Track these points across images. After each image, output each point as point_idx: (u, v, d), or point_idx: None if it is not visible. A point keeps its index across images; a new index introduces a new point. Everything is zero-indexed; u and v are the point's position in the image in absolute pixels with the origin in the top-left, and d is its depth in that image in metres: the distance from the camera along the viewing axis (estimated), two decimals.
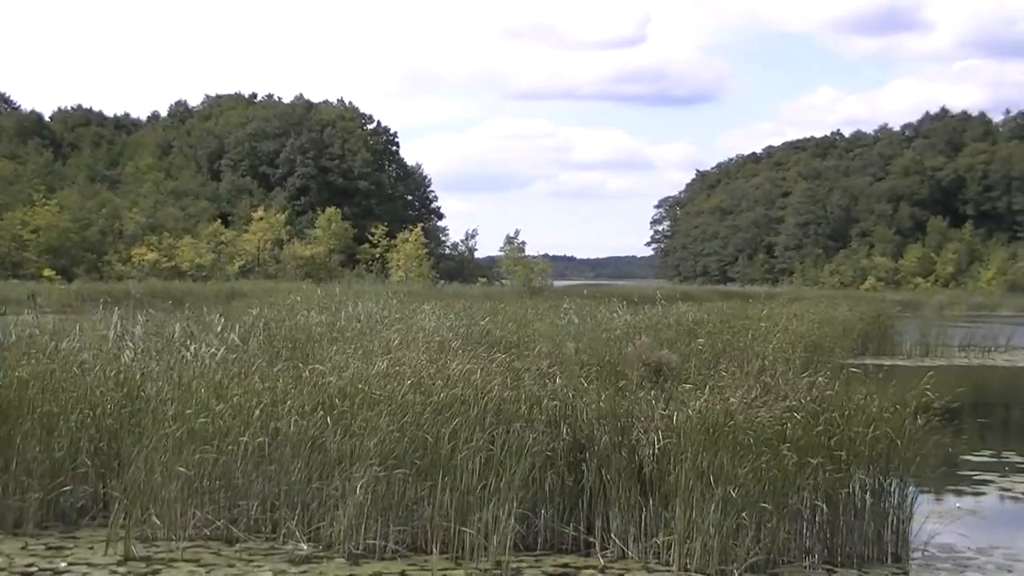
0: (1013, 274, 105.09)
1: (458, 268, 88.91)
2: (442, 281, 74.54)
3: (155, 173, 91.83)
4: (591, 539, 9.57)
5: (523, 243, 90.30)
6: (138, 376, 11.07)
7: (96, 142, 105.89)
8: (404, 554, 9.34)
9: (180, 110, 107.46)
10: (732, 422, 9.03)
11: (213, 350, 12.72)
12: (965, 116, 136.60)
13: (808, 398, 9.77)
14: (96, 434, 10.45)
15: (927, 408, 10.14)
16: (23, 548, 9.40)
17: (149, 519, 9.52)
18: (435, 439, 9.44)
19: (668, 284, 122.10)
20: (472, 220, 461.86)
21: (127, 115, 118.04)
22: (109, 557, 9.15)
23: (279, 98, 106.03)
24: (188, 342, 13.26)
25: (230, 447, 9.81)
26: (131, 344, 12.50)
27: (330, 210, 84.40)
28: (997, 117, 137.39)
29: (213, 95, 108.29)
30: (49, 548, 9.44)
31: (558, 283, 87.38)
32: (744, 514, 8.86)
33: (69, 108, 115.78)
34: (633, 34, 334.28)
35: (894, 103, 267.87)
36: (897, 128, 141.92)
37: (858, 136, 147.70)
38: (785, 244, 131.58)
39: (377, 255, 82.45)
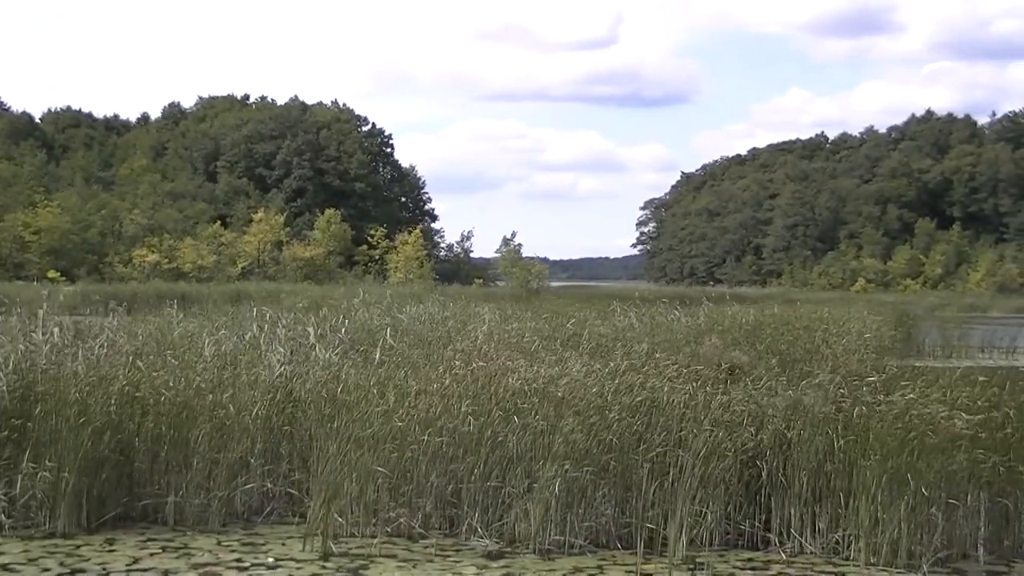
0: (1002, 276, 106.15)
1: (454, 269, 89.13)
2: (442, 283, 74.69)
3: (152, 175, 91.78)
4: (767, 535, 9.88)
5: (519, 245, 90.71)
6: (317, 380, 11.31)
7: (87, 144, 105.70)
8: (591, 550, 9.64)
9: (174, 112, 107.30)
10: (925, 423, 9.35)
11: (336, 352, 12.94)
12: (951, 119, 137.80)
13: (978, 397, 10.10)
14: (268, 435, 10.72)
15: None
16: (217, 544, 9.66)
17: (339, 516, 9.79)
18: (619, 438, 9.75)
19: (654, 286, 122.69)
20: (444, 221, 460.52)
21: (116, 116, 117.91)
22: (308, 553, 9.42)
23: (272, 100, 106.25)
24: (316, 344, 13.47)
25: (412, 446, 10.07)
26: (281, 347, 12.70)
27: (329, 211, 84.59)
28: (982, 119, 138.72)
29: (206, 96, 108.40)
30: (244, 544, 9.70)
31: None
32: (932, 510, 9.20)
33: (58, 109, 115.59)
34: (605, 35, 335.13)
35: (865, 105, 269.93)
36: (883, 130, 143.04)
37: (844, 138, 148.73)
38: (773, 246, 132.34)
39: (376, 256, 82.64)
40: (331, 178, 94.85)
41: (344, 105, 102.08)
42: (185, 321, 17.07)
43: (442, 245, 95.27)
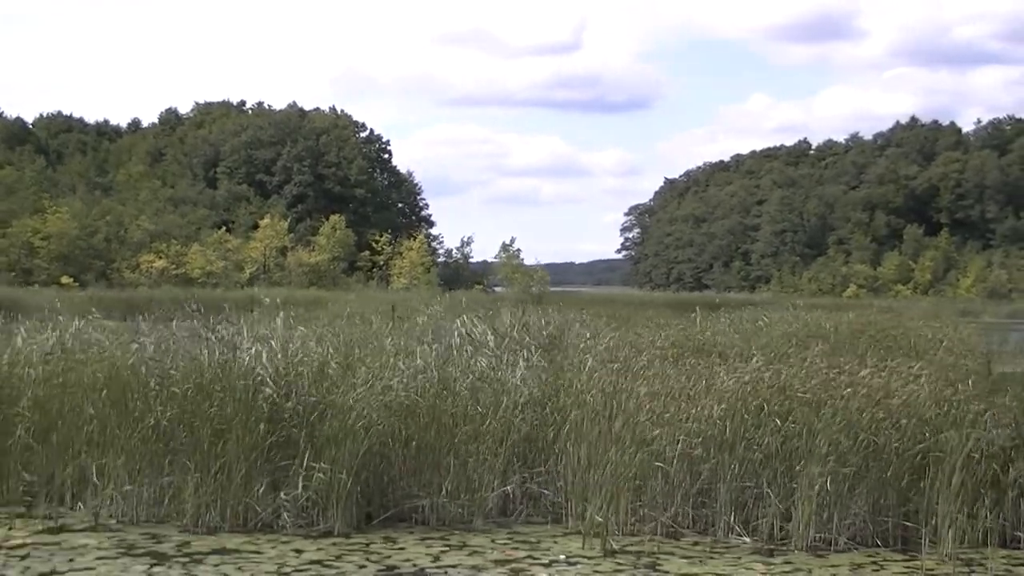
0: (992, 281, 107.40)
1: (454, 275, 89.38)
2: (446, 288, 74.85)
3: (152, 180, 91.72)
4: (1016, 533, 10.29)
5: (519, 250, 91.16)
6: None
7: (81, 149, 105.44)
8: (854, 547, 10.03)
9: (170, 118, 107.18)
10: None
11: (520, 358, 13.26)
12: (936, 125, 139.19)
13: None
14: (516, 438, 11.07)
15: None
16: (492, 542, 10.00)
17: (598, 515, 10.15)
18: (878, 438, 10.17)
19: (638, 291, 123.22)
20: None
21: (107, 122, 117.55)
22: (589, 551, 9.78)
23: (269, 105, 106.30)
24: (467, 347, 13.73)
25: (660, 448, 10.44)
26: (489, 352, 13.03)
27: (334, 217, 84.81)
28: (967, 126, 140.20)
29: (202, 102, 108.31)
30: (517, 542, 10.04)
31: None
32: None
33: (50, 114, 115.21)
34: (569, 40, 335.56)
35: (827, 110, 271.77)
36: (869, 137, 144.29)
37: (829, 145, 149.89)
38: (762, 252, 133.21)
39: (381, 262, 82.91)
40: (331, 184, 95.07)
41: (342, 111, 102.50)
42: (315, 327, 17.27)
43: (440, 251, 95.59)
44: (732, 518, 10.32)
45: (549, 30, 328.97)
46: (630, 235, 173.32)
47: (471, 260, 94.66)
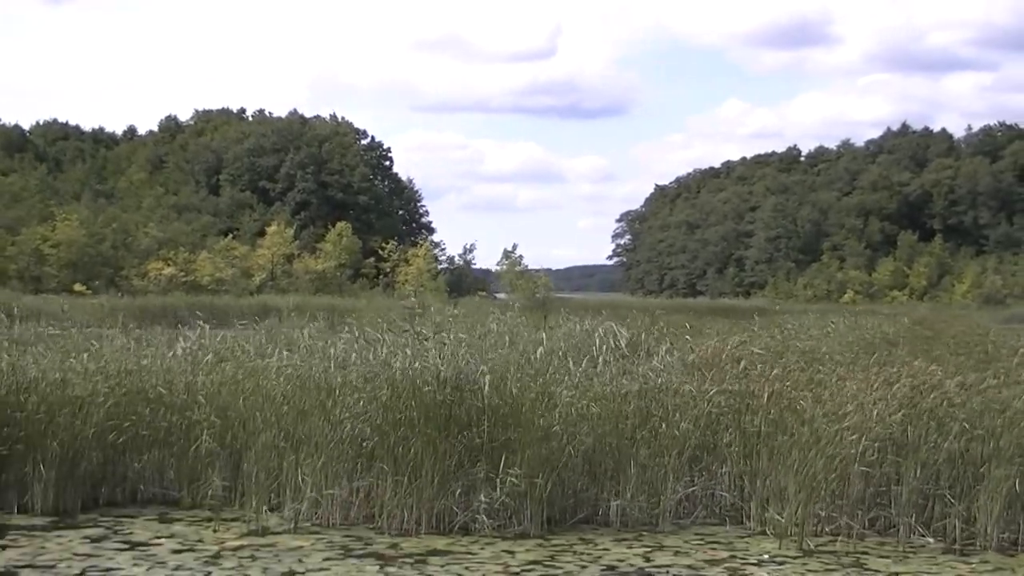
0: (987, 287, 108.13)
1: (457, 282, 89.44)
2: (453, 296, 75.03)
3: (156, 188, 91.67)
4: None
5: (521, 257, 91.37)
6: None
7: (78, 157, 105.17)
8: None
9: (170, 125, 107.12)
10: None
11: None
12: (927, 132, 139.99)
13: None
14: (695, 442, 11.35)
15: None
16: (684, 543, 10.27)
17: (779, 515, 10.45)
18: None
19: (631, 297, 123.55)
20: None
21: (102, 129, 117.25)
22: (785, 551, 10.07)
23: (270, 112, 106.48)
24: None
25: (841, 450, 10.72)
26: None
27: (341, 224, 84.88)
28: (958, 133, 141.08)
29: (200, 109, 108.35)
30: (708, 543, 10.33)
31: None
32: None
33: (46, 122, 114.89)
34: (544, 47, 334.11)
35: (802, 116, 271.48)
36: (861, 144, 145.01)
37: (821, 151, 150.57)
38: (756, 258, 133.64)
39: (387, 270, 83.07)
40: (334, 191, 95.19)
41: (342, 118, 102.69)
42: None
43: (441, 258, 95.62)
44: (913, 519, 10.60)
45: (525, 36, 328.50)
46: (622, 241, 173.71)
47: (473, 267, 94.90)
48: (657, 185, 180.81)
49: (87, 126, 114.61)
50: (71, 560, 9.36)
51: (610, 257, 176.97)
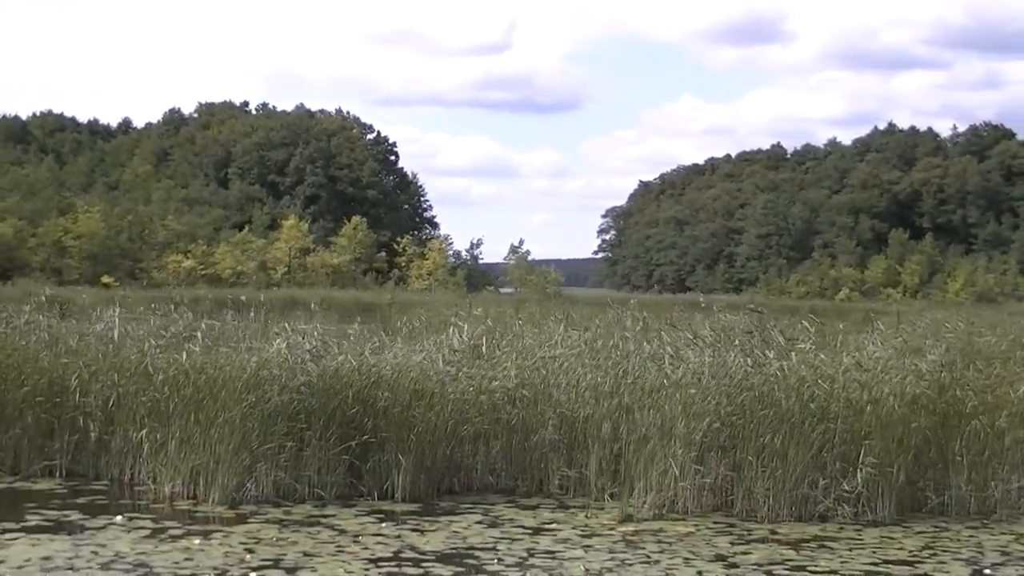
0: (980, 285, 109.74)
1: (465, 277, 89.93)
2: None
3: (164, 180, 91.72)
4: None
5: (528, 251, 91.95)
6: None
7: (76, 149, 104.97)
8: None
9: (175, 118, 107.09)
10: None
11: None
12: (914, 131, 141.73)
13: None
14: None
15: None
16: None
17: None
18: None
19: (618, 293, 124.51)
20: None
21: (97, 120, 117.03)
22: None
23: (274, 106, 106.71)
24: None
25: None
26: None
27: (356, 218, 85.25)
28: (945, 132, 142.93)
29: (204, 102, 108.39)
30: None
31: None
32: None
33: (41, 113, 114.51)
34: (499, 41, 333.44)
35: (755, 113, 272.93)
36: (848, 142, 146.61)
37: (808, 149, 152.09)
38: (747, 255, 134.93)
39: (403, 264, 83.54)
40: (344, 185, 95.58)
41: (349, 113, 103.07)
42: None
43: (448, 253, 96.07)
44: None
45: (479, 30, 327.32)
46: (607, 237, 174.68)
47: (480, 261, 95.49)
48: (641, 181, 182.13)
49: (82, 118, 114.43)
50: (504, 541, 9.92)
51: (596, 252, 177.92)
